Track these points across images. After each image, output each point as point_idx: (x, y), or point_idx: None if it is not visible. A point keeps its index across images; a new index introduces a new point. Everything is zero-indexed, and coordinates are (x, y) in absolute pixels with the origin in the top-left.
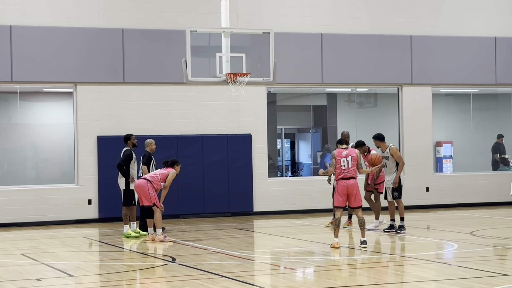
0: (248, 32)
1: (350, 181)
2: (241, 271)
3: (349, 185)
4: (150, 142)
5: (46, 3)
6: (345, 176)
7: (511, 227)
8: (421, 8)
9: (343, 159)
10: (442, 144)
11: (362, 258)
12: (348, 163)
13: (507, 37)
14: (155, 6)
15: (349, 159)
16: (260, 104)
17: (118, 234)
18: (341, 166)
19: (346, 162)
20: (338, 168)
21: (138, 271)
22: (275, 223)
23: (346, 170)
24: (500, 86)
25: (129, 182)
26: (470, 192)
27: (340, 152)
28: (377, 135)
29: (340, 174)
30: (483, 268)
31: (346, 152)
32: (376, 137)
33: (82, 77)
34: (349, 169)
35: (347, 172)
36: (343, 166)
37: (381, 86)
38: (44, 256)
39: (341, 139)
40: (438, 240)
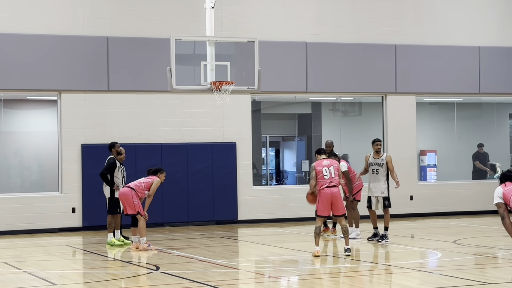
0: (232, 40)
1: (334, 189)
2: (225, 280)
3: (333, 193)
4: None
5: (30, 11)
6: (329, 185)
7: (494, 236)
8: (405, 18)
9: (325, 168)
10: (426, 152)
11: (346, 267)
12: (331, 173)
13: (490, 47)
14: (140, 14)
15: (332, 169)
16: (244, 112)
17: (102, 242)
18: (323, 175)
19: (329, 171)
20: (321, 178)
21: (122, 279)
22: (260, 232)
23: (329, 179)
24: (483, 95)
25: (114, 190)
26: (454, 201)
27: (320, 163)
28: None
29: (323, 184)
30: (466, 276)
31: (327, 162)
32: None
33: (66, 85)
34: (332, 178)
35: (330, 182)
36: (325, 175)
37: (365, 95)
38: (27, 265)
39: (320, 149)
40: (422, 248)
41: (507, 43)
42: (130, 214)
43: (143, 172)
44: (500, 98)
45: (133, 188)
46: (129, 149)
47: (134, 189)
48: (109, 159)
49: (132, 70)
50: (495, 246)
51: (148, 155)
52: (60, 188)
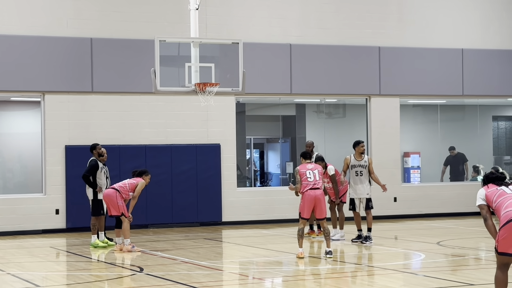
0: (217, 42)
1: (317, 191)
2: (210, 281)
3: (316, 196)
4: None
5: (14, 12)
6: (313, 187)
7: (477, 237)
8: (389, 20)
9: (309, 171)
10: (410, 154)
11: (330, 268)
12: (315, 176)
13: (474, 49)
14: (124, 15)
15: (316, 172)
16: (229, 114)
17: (86, 244)
18: (307, 178)
19: (313, 174)
20: (305, 180)
21: (106, 281)
22: (244, 233)
23: (313, 182)
24: (467, 97)
25: (97, 192)
26: (437, 203)
27: (304, 166)
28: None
29: (307, 186)
30: (449, 278)
31: (311, 166)
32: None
33: (50, 86)
34: (316, 181)
35: (314, 184)
36: (309, 178)
37: (349, 97)
38: (10, 266)
39: (305, 152)
40: (406, 250)
41: (490, 45)
42: (114, 215)
43: (127, 174)
44: (483, 100)
45: (118, 190)
46: (113, 150)
47: (118, 190)
48: (91, 160)
49: (116, 72)
50: (477, 247)
51: (132, 157)
52: (44, 189)
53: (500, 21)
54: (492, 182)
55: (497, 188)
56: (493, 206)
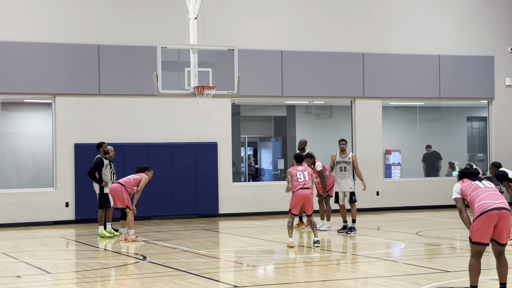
0: (214, 48)
1: (307, 191)
2: (207, 268)
3: (306, 195)
4: (109, 148)
5: (27, 20)
6: (303, 187)
7: (453, 228)
8: (373, 28)
9: (299, 172)
10: (391, 152)
11: (318, 257)
12: (305, 177)
13: (450, 55)
14: (129, 24)
15: (306, 173)
16: (225, 115)
17: (93, 234)
18: (298, 178)
19: (303, 175)
20: (295, 181)
21: (112, 268)
22: (239, 224)
23: (303, 182)
24: (443, 99)
25: (103, 187)
26: (416, 196)
27: (295, 168)
28: (345, 140)
29: (298, 186)
30: (427, 265)
31: (302, 168)
32: (345, 141)
33: (60, 89)
34: (306, 181)
35: (304, 184)
36: (299, 178)
37: (336, 99)
38: (24, 255)
39: (298, 156)
40: (387, 240)
41: (465, 52)
42: (119, 208)
43: (131, 170)
44: (458, 102)
45: (123, 184)
46: (119, 148)
47: (123, 185)
48: (96, 158)
49: (121, 76)
50: (453, 237)
51: (136, 154)
52: (55, 184)
53: (474, 29)
54: (467, 177)
55: (471, 183)
56: (467, 199)
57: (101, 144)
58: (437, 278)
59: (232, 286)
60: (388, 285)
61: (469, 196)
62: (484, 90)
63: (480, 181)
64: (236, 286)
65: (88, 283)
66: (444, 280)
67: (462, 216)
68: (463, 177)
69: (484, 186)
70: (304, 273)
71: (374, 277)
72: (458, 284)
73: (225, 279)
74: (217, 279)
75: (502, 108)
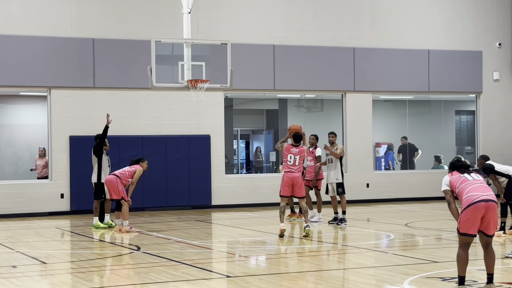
0: (207, 43)
1: (295, 174)
2: (200, 259)
3: (293, 178)
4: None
5: (23, 14)
6: (290, 170)
7: (441, 219)
8: (363, 23)
9: (290, 155)
10: (381, 145)
11: (309, 247)
12: (295, 161)
13: (439, 50)
14: (123, 18)
15: (297, 158)
16: (218, 108)
17: (88, 225)
18: (287, 161)
19: (294, 159)
20: (285, 162)
21: (106, 258)
22: (231, 216)
23: (292, 166)
24: (432, 93)
25: (100, 177)
26: (406, 188)
27: (289, 149)
28: (334, 132)
29: (286, 168)
30: (416, 256)
31: (295, 151)
32: (334, 134)
33: (55, 82)
34: (296, 166)
35: (292, 167)
36: (289, 161)
37: (327, 93)
38: (19, 245)
39: (298, 135)
40: (377, 231)
41: (453, 47)
42: (114, 199)
43: (126, 162)
44: (447, 96)
45: (118, 176)
46: (113, 140)
47: (119, 177)
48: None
49: (116, 69)
50: (441, 228)
51: (130, 146)
52: (50, 175)
53: (463, 25)
54: (457, 170)
55: (460, 175)
56: (456, 191)
57: (98, 136)
58: (425, 269)
59: (224, 276)
60: (378, 275)
61: (458, 188)
62: (472, 84)
63: (469, 174)
64: (229, 276)
65: (83, 273)
66: (433, 271)
67: (450, 208)
68: (454, 169)
69: (473, 178)
70: (295, 264)
71: (364, 267)
72: (446, 274)
73: (218, 269)
74: (210, 269)
75: (490, 102)
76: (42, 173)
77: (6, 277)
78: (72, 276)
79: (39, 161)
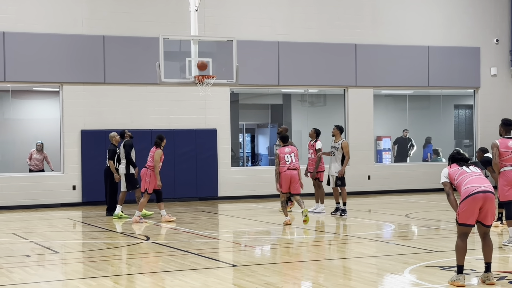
0: (214, 39)
1: (293, 171)
2: (207, 248)
3: (292, 175)
4: (113, 135)
5: (35, 12)
6: (290, 168)
7: (440, 210)
8: (365, 20)
9: (287, 155)
10: (382, 138)
11: (312, 237)
12: (292, 158)
13: (438, 46)
14: (133, 15)
15: (293, 155)
16: (224, 102)
17: (99, 216)
18: (285, 161)
19: (290, 157)
20: (283, 163)
21: (117, 248)
22: (237, 207)
23: (290, 163)
24: (432, 88)
25: (128, 167)
26: (406, 180)
27: (283, 150)
28: (340, 126)
29: (285, 167)
30: (416, 245)
31: (288, 150)
32: (339, 128)
33: (67, 78)
34: (293, 162)
35: (290, 165)
36: (287, 161)
37: (329, 88)
38: (33, 236)
39: (284, 137)
40: (378, 221)
41: (452, 43)
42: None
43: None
44: (446, 91)
45: (146, 167)
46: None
47: (148, 168)
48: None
49: (125, 65)
50: (440, 219)
51: (139, 140)
52: (62, 168)
53: (461, 21)
54: (456, 162)
55: (458, 168)
56: (455, 183)
57: (123, 132)
58: (425, 258)
59: (231, 265)
60: (379, 265)
61: (456, 180)
62: (471, 79)
63: (468, 166)
64: (235, 265)
65: (94, 262)
66: (432, 260)
67: (449, 199)
68: (453, 161)
69: (471, 170)
70: (299, 253)
71: (366, 257)
72: (446, 263)
73: (224, 259)
74: (216, 259)
75: (487, 97)
76: (39, 166)
77: (20, 266)
78: (84, 265)
79: (36, 154)
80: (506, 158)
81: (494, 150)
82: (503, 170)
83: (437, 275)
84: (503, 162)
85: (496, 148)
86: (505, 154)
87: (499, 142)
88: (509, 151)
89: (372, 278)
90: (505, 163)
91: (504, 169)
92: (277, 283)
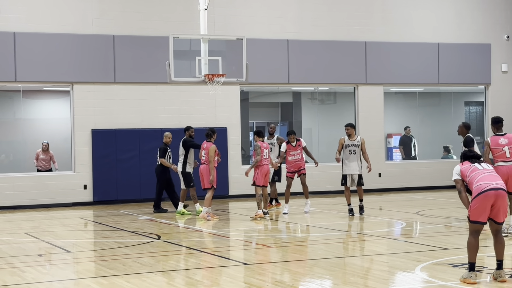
0: (223, 38)
1: (268, 166)
2: (218, 247)
3: (269, 169)
4: (166, 134)
5: (46, 12)
6: (265, 163)
7: (451, 207)
8: (375, 18)
9: (266, 150)
10: (393, 135)
11: (323, 235)
12: (268, 154)
13: (448, 43)
14: (142, 15)
15: (267, 151)
16: (234, 101)
17: (111, 215)
18: (263, 156)
19: (267, 152)
20: (263, 157)
21: (128, 247)
22: (248, 205)
23: (266, 158)
24: (442, 85)
25: (185, 166)
26: (417, 177)
27: (262, 145)
28: (353, 124)
29: (264, 161)
30: (427, 243)
31: (265, 145)
32: (353, 126)
33: (78, 78)
34: (268, 158)
35: (266, 160)
36: (265, 156)
37: (339, 86)
38: (45, 235)
39: (259, 131)
40: (389, 219)
41: (462, 40)
42: (206, 188)
43: (145, 153)
44: (456, 88)
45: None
46: (133, 133)
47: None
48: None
49: (135, 64)
50: (451, 216)
51: (150, 139)
52: (73, 167)
53: (472, 18)
54: (468, 160)
55: (470, 165)
56: (466, 180)
57: (188, 128)
58: (436, 255)
59: (242, 263)
60: (390, 262)
61: (468, 177)
62: (481, 76)
63: (479, 164)
64: (246, 263)
65: (105, 261)
66: (443, 257)
67: (461, 196)
68: (465, 159)
69: (483, 168)
70: (310, 251)
71: (377, 254)
72: (457, 260)
73: (235, 257)
74: (227, 257)
75: (498, 93)
76: (46, 166)
77: (32, 265)
78: (95, 264)
79: (42, 155)
80: (498, 155)
81: (486, 148)
82: (496, 166)
83: (448, 272)
84: (496, 158)
85: (487, 146)
86: (497, 151)
87: (490, 140)
88: (500, 147)
89: (384, 275)
90: (497, 159)
91: (497, 165)
92: (288, 282)
